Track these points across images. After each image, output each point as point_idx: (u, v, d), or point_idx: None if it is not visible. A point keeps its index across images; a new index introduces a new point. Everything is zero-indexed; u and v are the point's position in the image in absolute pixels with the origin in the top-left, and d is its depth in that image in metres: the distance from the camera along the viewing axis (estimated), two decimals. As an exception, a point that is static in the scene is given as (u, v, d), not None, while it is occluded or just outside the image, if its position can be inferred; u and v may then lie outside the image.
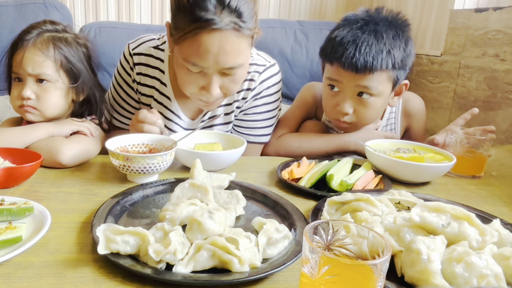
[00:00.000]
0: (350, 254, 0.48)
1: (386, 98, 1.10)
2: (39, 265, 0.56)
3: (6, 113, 1.63)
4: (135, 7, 1.96)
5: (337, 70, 1.06)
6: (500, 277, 0.50)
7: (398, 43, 1.03)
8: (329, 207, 0.72)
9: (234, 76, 0.96)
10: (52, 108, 1.02)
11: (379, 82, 1.04)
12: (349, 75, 1.03)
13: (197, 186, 0.73)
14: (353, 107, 1.08)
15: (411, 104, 1.26)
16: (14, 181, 0.81)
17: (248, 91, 1.13)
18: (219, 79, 0.96)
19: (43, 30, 1.02)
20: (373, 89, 1.04)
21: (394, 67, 1.03)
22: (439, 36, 1.64)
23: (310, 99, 1.28)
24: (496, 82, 1.33)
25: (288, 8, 2.09)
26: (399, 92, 1.14)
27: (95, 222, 0.63)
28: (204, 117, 1.17)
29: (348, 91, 1.07)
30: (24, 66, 0.97)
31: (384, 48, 1.01)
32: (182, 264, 0.54)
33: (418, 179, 0.94)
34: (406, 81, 1.12)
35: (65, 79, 1.02)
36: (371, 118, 1.13)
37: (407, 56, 1.06)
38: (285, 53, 1.76)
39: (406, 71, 1.09)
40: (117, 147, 0.90)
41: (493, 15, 1.35)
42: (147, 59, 1.12)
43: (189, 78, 0.96)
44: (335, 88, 1.09)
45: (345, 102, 1.07)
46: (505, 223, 0.69)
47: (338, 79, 1.07)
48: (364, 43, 1.00)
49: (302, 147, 1.16)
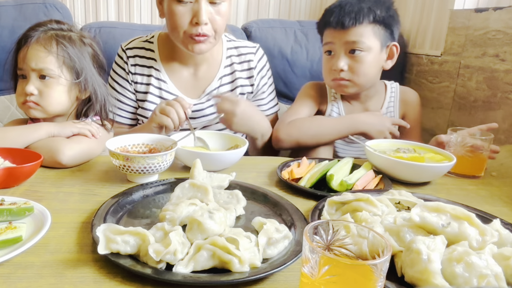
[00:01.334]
0: (350, 254, 0.48)
1: (377, 56, 1.20)
2: (39, 265, 0.56)
3: (6, 113, 1.63)
4: (135, 7, 1.96)
5: (329, 32, 1.21)
6: (500, 277, 0.50)
7: (380, 5, 1.17)
8: (329, 207, 0.72)
9: (219, 6, 1.11)
10: (54, 104, 1.03)
11: (366, 37, 1.16)
12: (339, 33, 1.18)
13: (197, 186, 0.73)
14: (348, 64, 1.19)
15: (407, 94, 1.37)
16: (14, 181, 0.81)
17: (251, 70, 1.30)
18: (207, 6, 1.10)
19: (48, 28, 1.04)
20: (361, 44, 1.16)
21: (376, 20, 1.16)
22: (439, 36, 1.64)
23: (313, 92, 1.34)
24: (496, 82, 1.33)
25: (288, 8, 2.09)
26: (391, 55, 1.24)
27: (95, 222, 0.63)
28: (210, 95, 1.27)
29: (340, 49, 1.19)
30: (27, 61, 1.00)
31: (365, 6, 1.16)
32: (182, 264, 0.54)
33: (418, 179, 0.94)
34: (395, 42, 1.22)
35: (68, 76, 1.03)
36: (366, 75, 1.21)
37: (389, 17, 1.18)
38: (285, 53, 1.76)
39: (392, 34, 1.21)
40: (117, 147, 0.90)
41: (493, 15, 1.35)
42: (139, 51, 1.27)
43: (180, 9, 1.09)
44: (331, 54, 1.22)
45: (339, 59, 1.19)
46: (505, 223, 0.69)
47: (331, 41, 1.20)
48: (347, 4, 1.17)
49: (313, 127, 1.19)
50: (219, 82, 1.28)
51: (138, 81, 1.26)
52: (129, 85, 1.27)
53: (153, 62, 1.25)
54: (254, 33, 1.76)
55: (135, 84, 1.27)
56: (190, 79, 1.27)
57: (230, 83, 1.29)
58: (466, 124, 1.11)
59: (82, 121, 1.07)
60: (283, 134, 1.20)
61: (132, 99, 1.28)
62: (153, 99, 1.25)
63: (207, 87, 1.27)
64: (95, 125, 1.06)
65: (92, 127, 1.04)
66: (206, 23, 1.10)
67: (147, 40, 1.28)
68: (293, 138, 1.19)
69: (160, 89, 1.25)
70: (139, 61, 1.26)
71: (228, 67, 1.29)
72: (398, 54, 1.25)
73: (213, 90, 1.28)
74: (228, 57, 1.29)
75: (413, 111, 1.35)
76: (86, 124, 1.04)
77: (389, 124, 1.20)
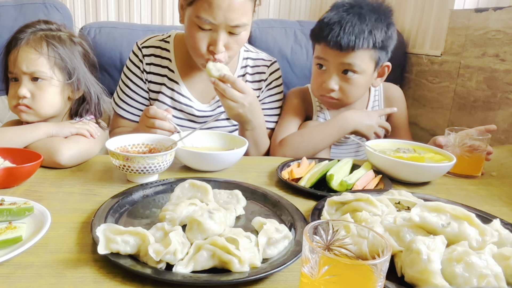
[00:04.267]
0: (350, 254, 0.48)
1: (369, 77, 1.18)
2: (39, 265, 0.56)
3: (6, 113, 1.63)
4: (135, 7, 1.96)
5: (324, 49, 1.15)
6: (500, 277, 0.50)
7: (380, 26, 1.13)
8: (329, 207, 0.72)
9: (238, 36, 1.09)
10: (47, 107, 1.02)
11: (362, 60, 1.13)
12: (334, 53, 1.13)
13: (197, 186, 0.73)
14: (339, 84, 1.17)
15: (391, 91, 1.36)
16: (14, 181, 0.81)
17: (261, 82, 1.29)
18: (226, 36, 1.08)
19: (37, 29, 1.02)
20: (356, 67, 1.13)
21: (375, 46, 1.12)
22: (439, 36, 1.64)
23: (297, 101, 1.32)
24: (496, 82, 1.33)
25: (288, 8, 2.09)
26: (381, 74, 1.23)
27: (95, 222, 0.63)
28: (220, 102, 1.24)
29: (334, 68, 1.16)
30: (18, 64, 0.98)
31: (366, 29, 1.10)
32: (182, 264, 0.54)
33: (418, 179, 0.94)
34: (388, 63, 1.20)
35: (60, 77, 1.02)
36: (355, 96, 1.20)
37: (388, 38, 1.15)
38: (285, 53, 1.76)
39: (388, 53, 1.18)
40: (117, 147, 0.90)
41: (493, 15, 1.35)
42: (155, 50, 1.25)
43: (199, 35, 1.08)
44: (323, 68, 1.18)
45: (330, 79, 1.16)
46: (505, 223, 0.69)
47: (325, 57, 1.16)
48: (348, 24, 1.10)
49: (304, 140, 1.17)
50: None
51: (152, 80, 1.25)
52: (144, 84, 1.26)
53: (168, 62, 1.25)
54: (254, 33, 1.76)
55: (149, 83, 1.26)
56: (202, 83, 1.26)
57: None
58: (466, 124, 1.11)
59: (80, 121, 1.07)
60: (279, 155, 1.19)
61: (145, 98, 1.27)
62: (164, 99, 1.25)
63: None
64: (93, 125, 1.05)
65: (91, 127, 1.03)
66: (222, 52, 1.09)
67: (164, 40, 1.27)
68: (289, 156, 1.16)
69: (173, 90, 1.25)
70: (154, 60, 1.25)
71: (241, 77, 1.28)
72: (388, 73, 1.23)
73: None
74: (242, 67, 1.29)
75: (398, 108, 1.33)
76: (84, 124, 1.03)
77: (376, 117, 1.19)
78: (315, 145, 1.17)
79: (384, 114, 1.25)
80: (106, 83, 1.48)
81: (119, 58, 1.63)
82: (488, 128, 1.04)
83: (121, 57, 1.63)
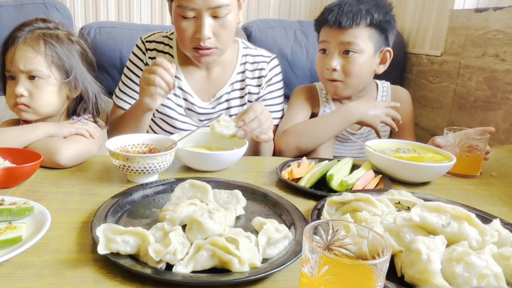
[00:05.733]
0: (350, 254, 0.48)
1: (370, 59, 1.21)
2: (39, 265, 0.56)
3: (6, 113, 1.62)
4: (135, 7, 1.96)
5: (325, 31, 1.22)
6: (500, 277, 0.50)
7: (379, 9, 1.18)
8: (329, 207, 0.72)
9: (223, 19, 1.10)
10: (45, 105, 1.02)
11: (361, 39, 1.18)
12: (335, 32, 1.19)
13: (197, 186, 0.73)
14: (340, 64, 1.20)
15: (398, 93, 1.38)
16: (14, 181, 0.81)
17: (261, 78, 1.29)
18: (210, 20, 1.09)
19: (35, 27, 1.02)
20: (356, 45, 1.17)
21: (372, 24, 1.17)
22: (439, 36, 1.64)
23: (304, 96, 1.34)
24: (496, 82, 1.33)
25: (288, 8, 2.09)
26: (384, 61, 1.26)
27: (95, 222, 0.63)
28: (220, 99, 1.27)
29: (335, 49, 1.20)
30: (15, 63, 0.98)
31: (363, 8, 1.17)
32: (182, 264, 0.54)
33: (418, 179, 0.94)
34: (388, 48, 1.23)
35: (57, 75, 1.02)
36: (358, 77, 1.22)
37: (386, 22, 1.19)
38: (285, 53, 1.76)
39: (387, 40, 1.22)
40: (117, 147, 0.90)
41: (493, 15, 1.35)
42: (158, 45, 1.28)
43: (184, 24, 1.10)
44: (326, 52, 1.23)
45: (332, 58, 1.21)
46: (505, 223, 0.69)
47: (326, 39, 1.22)
48: (347, 4, 1.18)
49: (307, 128, 1.18)
50: (231, 87, 1.27)
51: None
52: None
53: (170, 58, 1.26)
54: (254, 33, 1.76)
55: None
56: (203, 81, 1.27)
57: (240, 89, 1.29)
58: (466, 124, 1.10)
59: (78, 120, 1.07)
60: (282, 144, 1.20)
61: None
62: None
63: (218, 91, 1.27)
64: (92, 124, 1.05)
65: (90, 127, 1.03)
66: (209, 38, 1.10)
67: (167, 36, 1.29)
68: (292, 145, 1.18)
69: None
70: (157, 55, 1.26)
71: (241, 74, 1.28)
72: (391, 59, 1.25)
73: (223, 95, 1.27)
74: (242, 64, 1.29)
75: (405, 110, 1.34)
76: (83, 124, 1.03)
77: (382, 107, 1.19)
78: (318, 134, 1.18)
79: (390, 106, 1.23)
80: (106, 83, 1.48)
81: (119, 58, 1.64)
82: (486, 130, 1.04)
83: (121, 57, 1.63)
